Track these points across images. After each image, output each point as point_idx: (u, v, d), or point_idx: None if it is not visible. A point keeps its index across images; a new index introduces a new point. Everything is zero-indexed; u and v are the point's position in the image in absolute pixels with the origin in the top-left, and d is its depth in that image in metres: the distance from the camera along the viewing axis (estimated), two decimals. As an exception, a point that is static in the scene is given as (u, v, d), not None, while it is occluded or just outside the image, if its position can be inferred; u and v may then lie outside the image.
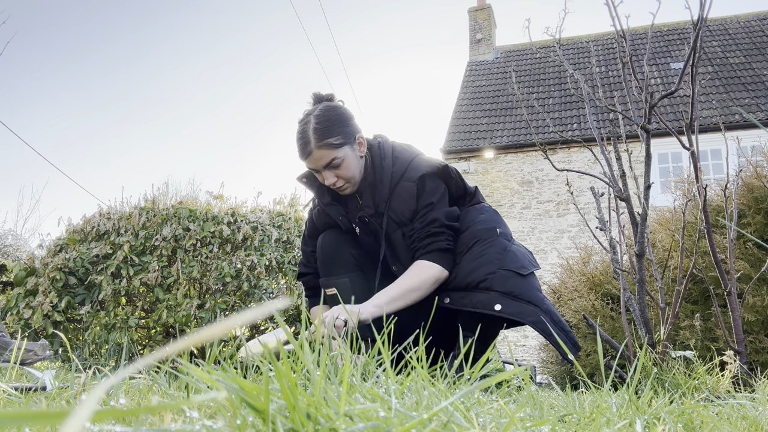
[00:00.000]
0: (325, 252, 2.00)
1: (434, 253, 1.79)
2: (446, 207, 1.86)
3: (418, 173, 1.86)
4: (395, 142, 2.01)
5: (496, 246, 1.77)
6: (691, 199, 2.62)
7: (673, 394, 1.33)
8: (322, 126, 1.81)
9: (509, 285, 1.71)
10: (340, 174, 1.85)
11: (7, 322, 3.95)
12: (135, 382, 0.94)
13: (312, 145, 1.81)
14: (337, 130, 1.82)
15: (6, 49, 5.39)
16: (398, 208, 1.87)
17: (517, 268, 1.74)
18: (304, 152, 1.83)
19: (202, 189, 22.86)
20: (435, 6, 43.13)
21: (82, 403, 0.23)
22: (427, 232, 1.81)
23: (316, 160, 1.82)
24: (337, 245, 1.98)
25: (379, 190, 1.89)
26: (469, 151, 11.32)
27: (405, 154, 1.94)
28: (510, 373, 0.55)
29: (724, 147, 9.17)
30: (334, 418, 0.48)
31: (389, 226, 1.90)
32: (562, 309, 3.57)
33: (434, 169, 1.88)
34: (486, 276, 1.73)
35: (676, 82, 1.60)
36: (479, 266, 1.75)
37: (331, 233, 2.01)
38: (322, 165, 1.83)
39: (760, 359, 2.41)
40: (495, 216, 1.90)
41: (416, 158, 1.93)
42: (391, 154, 1.93)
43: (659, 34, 13.57)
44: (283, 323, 0.49)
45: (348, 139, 1.85)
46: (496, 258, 1.75)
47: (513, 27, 46.83)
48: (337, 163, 1.82)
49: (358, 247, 1.99)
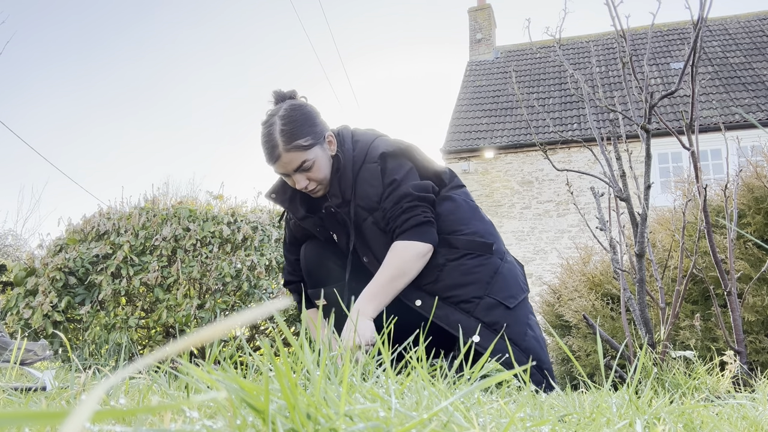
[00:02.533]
0: (308, 264, 1.92)
1: (411, 230, 1.67)
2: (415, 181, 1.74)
3: (378, 152, 1.75)
4: (357, 129, 1.91)
5: (489, 267, 1.69)
6: (691, 199, 2.62)
7: (673, 394, 1.33)
8: (289, 127, 1.68)
9: (493, 316, 1.64)
10: (311, 176, 1.74)
11: (7, 322, 3.95)
12: (135, 382, 0.94)
13: (280, 148, 1.68)
14: (306, 131, 1.70)
15: (5, 48, 5.40)
16: (364, 192, 1.76)
17: (504, 299, 1.66)
18: (272, 157, 1.70)
19: (202, 189, 22.88)
20: (435, 6, 43.12)
21: (82, 403, 0.23)
22: (400, 209, 1.69)
23: (285, 164, 1.70)
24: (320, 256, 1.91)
25: (343, 178, 1.78)
26: (469, 151, 11.31)
27: (365, 137, 1.84)
28: (510, 373, 0.55)
29: (724, 147, 9.17)
30: (334, 418, 0.48)
31: (358, 215, 1.79)
32: (562, 309, 3.57)
33: (394, 148, 1.77)
34: (471, 298, 1.65)
35: (676, 82, 1.60)
36: (467, 284, 1.67)
37: (312, 244, 1.94)
38: (292, 169, 1.71)
39: (760, 359, 2.41)
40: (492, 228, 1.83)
41: (377, 139, 1.82)
42: (350, 140, 1.83)
43: (659, 34, 13.57)
44: (282, 323, 0.49)
45: (318, 139, 1.73)
46: (485, 281, 1.67)
47: (513, 27, 46.82)
48: (308, 165, 1.71)
49: (340, 255, 1.90)
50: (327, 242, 1.92)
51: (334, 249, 1.92)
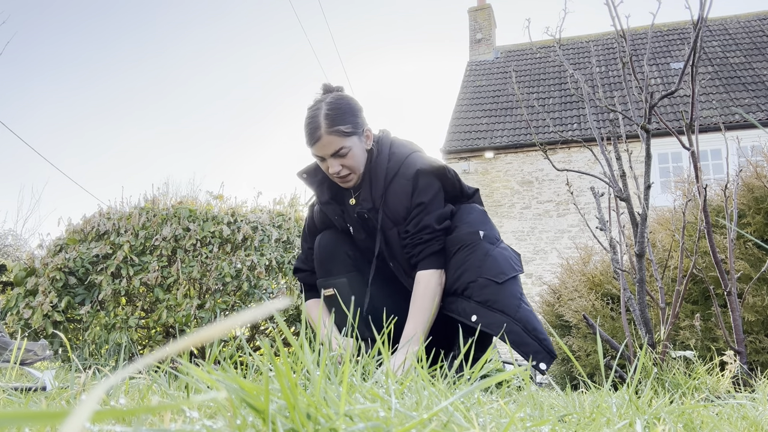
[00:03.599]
0: (322, 252, 1.99)
1: (428, 259, 1.80)
2: (439, 208, 1.85)
3: (412, 170, 1.84)
4: (396, 138, 1.99)
5: (478, 252, 1.77)
6: (691, 199, 2.62)
7: (673, 394, 1.33)
8: (333, 113, 1.78)
9: (486, 294, 1.72)
10: (345, 163, 1.82)
11: (7, 322, 3.95)
12: (135, 382, 0.94)
13: (322, 130, 1.77)
14: (348, 119, 1.80)
15: (6, 48, 5.40)
16: (393, 206, 1.86)
17: (494, 276, 1.74)
18: (312, 138, 1.79)
19: (202, 189, 22.87)
20: (435, 6, 43.14)
21: (82, 403, 0.23)
22: (419, 239, 1.81)
23: (324, 146, 1.79)
24: (335, 245, 1.97)
25: (375, 186, 1.87)
26: (469, 151, 11.32)
27: (402, 149, 1.92)
28: (510, 373, 0.55)
29: (724, 147, 9.17)
30: (334, 418, 0.48)
31: (385, 223, 1.89)
32: (562, 309, 3.57)
33: (429, 167, 1.86)
34: (468, 284, 1.74)
35: (676, 82, 1.60)
36: (462, 273, 1.76)
37: (329, 233, 2.01)
38: (329, 152, 1.79)
39: (760, 359, 2.41)
40: (482, 217, 1.89)
41: (413, 155, 1.90)
42: (388, 150, 1.91)
43: (659, 34, 13.57)
44: (282, 323, 0.49)
45: (357, 130, 1.83)
46: (476, 265, 1.75)
47: (513, 27, 46.83)
48: (344, 152, 1.80)
49: (355, 248, 1.98)
50: (343, 233, 2.00)
51: (350, 242, 1.99)
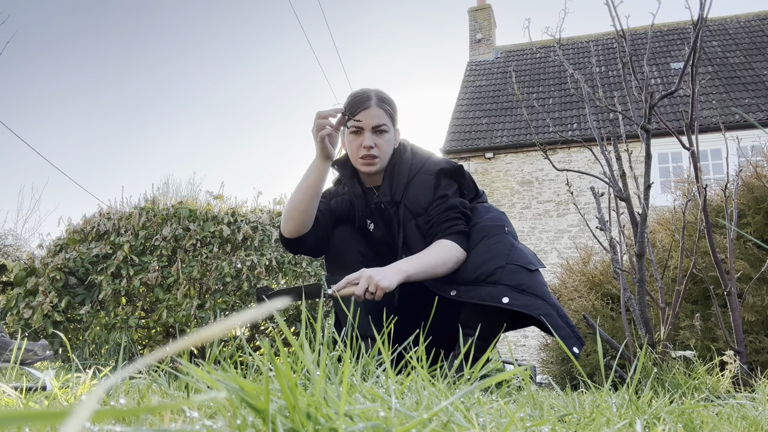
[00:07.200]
0: (334, 249, 2.02)
1: (455, 236, 1.83)
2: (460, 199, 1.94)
3: (436, 167, 1.93)
4: (415, 144, 2.12)
5: (504, 242, 1.82)
6: (691, 199, 2.62)
7: (673, 394, 1.33)
8: (382, 95, 1.92)
9: (518, 279, 1.74)
10: (379, 143, 1.89)
11: (7, 322, 3.95)
12: (135, 382, 0.94)
13: (373, 101, 1.87)
14: (393, 108, 1.94)
15: (6, 48, 5.39)
16: (414, 197, 1.91)
17: (525, 264, 1.78)
18: (362, 105, 1.87)
19: (202, 189, 22.84)
20: (435, 6, 43.12)
21: (82, 403, 0.23)
22: (446, 216, 1.86)
23: (371, 115, 1.86)
24: (347, 242, 2.01)
25: (397, 181, 1.95)
26: (469, 151, 11.32)
27: (423, 151, 2.06)
28: (510, 373, 0.55)
29: (724, 147, 9.16)
30: (334, 418, 0.48)
31: (404, 216, 1.94)
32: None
33: (451, 167, 1.95)
34: (495, 270, 1.75)
35: (676, 82, 1.60)
36: (488, 260, 1.78)
37: (342, 230, 2.04)
38: (373, 123, 1.87)
39: (760, 359, 2.41)
40: (502, 215, 1.95)
41: (434, 156, 2.04)
42: (410, 151, 2.02)
43: (659, 34, 13.57)
44: (282, 323, 0.49)
45: (394, 122, 1.96)
46: (504, 253, 1.79)
47: (513, 27, 46.78)
48: (384, 129, 1.89)
49: (366, 246, 2.02)
50: (357, 232, 2.03)
51: (363, 240, 2.03)
